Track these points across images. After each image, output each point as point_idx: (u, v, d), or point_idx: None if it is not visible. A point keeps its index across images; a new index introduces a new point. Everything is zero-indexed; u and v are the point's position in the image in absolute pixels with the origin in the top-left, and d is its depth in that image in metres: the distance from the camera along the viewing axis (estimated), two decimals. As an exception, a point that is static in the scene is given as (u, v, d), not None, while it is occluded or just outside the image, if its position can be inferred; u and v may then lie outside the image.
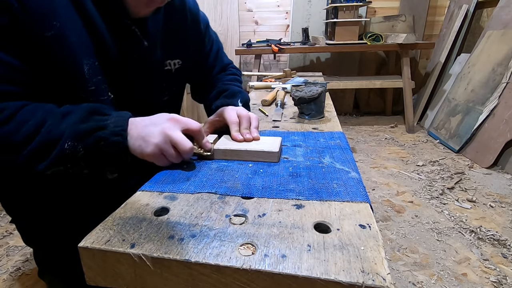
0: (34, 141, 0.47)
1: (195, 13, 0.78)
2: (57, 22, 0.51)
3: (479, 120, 2.04)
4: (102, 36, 0.56)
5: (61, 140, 0.48)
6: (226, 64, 0.93)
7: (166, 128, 0.51)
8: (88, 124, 0.49)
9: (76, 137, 0.48)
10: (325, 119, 0.87)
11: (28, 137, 0.47)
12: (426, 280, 1.11)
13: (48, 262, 0.70)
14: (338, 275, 0.30)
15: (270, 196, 0.45)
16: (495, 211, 1.50)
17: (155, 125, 0.52)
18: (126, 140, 0.50)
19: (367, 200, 0.44)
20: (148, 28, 0.64)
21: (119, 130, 0.50)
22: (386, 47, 2.53)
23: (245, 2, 2.98)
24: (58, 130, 0.48)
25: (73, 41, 0.53)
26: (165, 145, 0.51)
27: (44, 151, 0.48)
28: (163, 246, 0.35)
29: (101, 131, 0.49)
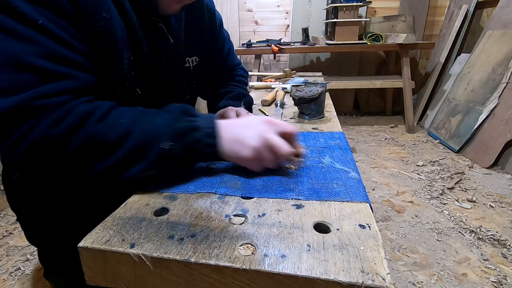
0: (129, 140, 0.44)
1: (212, 11, 0.78)
2: (106, 14, 0.50)
3: (479, 120, 2.04)
4: (136, 32, 0.56)
5: (159, 139, 0.45)
6: (236, 64, 0.93)
7: (263, 131, 0.49)
8: (183, 124, 0.47)
9: (174, 137, 0.45)
10: (325, 119, 0.87)
11: (123, 135, 0.43)
12: (426, 280, 1.11)
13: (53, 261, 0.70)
14: (338, 275, 0.30)
15: (269, 196, 0.45)
16: (495, 211, 1.50)
17: (250, 127, 0.49)
18: (218, 142, 0.48)
19: (367, 200, 0.44)
20: (172, 25, 0.64)
21: (211, 131, 0.48)
22: (386, 47, 2.53)
23: (245, 2, 2.98)
24: (154, 128, 0.45)
25: (118, 34, 0.52)
26: (263, 148, 0.48)
27: (140, 152, 0.44)
28: (163, 246, 0.35)
29: (195, 132, 0.47)
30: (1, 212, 1.60)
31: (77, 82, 0.45)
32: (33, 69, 0.41)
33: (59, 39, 0.44)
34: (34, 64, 0.41)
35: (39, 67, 0.41)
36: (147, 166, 0.45)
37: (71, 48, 0.45)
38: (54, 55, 0.43)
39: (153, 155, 0.44)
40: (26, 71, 0.41)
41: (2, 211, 1.60)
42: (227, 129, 0.49)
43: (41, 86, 0.41)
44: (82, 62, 0.47)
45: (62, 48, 0.44)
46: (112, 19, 0.51)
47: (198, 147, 0.47)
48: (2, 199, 1.72)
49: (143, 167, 0.45)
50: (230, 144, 0.48)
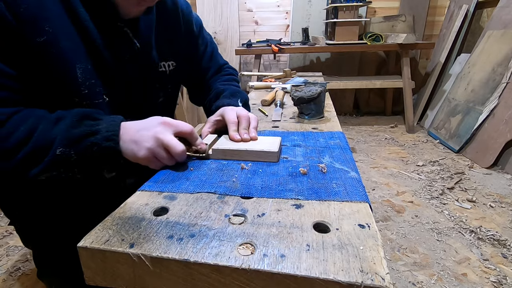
0: (26, 147, 0.47)
1: (188, 14, 0.78)
2: (49, 28, 0.51)
3: (479, 120, 2.04)
4: (94, 39, 0.57)
5: (53, 146, 0.48)
6: (222, 64, 0.93)
7: (158, 132, 0.52)
8: (79, 129, 0.50)
9: (68, 143, 0.48)
10: (324, 119, 0.86)
11: (19, 143, 0.47)
12: (426, 280, 1.10)
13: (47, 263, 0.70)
14: (337, 275, 0.30)
15: (269, 196, 0.45)
16: (495, 211, 1.50)
17: (147, 129, 0.53)
18: (118, 145, 0.51)
19: (367, 200, 0.44)
20: (140, 29, 0.64)
21: (110, 135, 0.50)
22: (386, 47, 2.53)
23: (245, 2, 2.98)
24: (50, 135, 0.48)
25: (65, 45, 0.53)
26: (157, 148, 0.51)
27: (36, 157, 0.48)
28: (162, 246, 0.35)
29: (93, 137, 0.50)
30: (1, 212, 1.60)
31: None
32: None
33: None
34: None
35: None
36: (45, 168, 0.48)
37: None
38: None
39: (49, 159, 0.48)
40: None
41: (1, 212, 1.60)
42: (127, 131, 0.52)
43: None
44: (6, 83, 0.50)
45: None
46: (57, 32, 0.52)
47: (95, 151, 0.49)
48: (2, 199, 1.72)
49: (41, 169, 0.48)
50: (128, 145, 0.51)
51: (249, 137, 0.62)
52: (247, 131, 0.64)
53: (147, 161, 0.52)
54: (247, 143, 0.61)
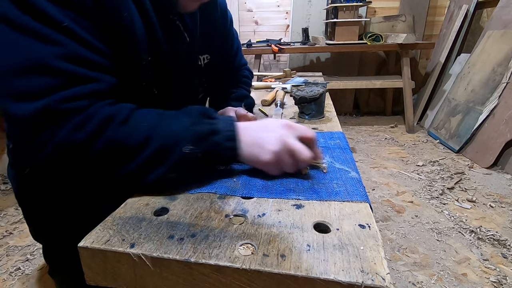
0: (150, 145, 0.43)
1: (224, 8, 0.79)
2: (127, 13, 0.49)
3: (479, 120, 2.04)
4: (156, 31, 0.55)
5: (180, 143, 0.44)
6: (243, 64, 0.94)
7: (283, 135, 0.48)
8: (203, 127, 0.46)
9: (195, 140, 0.45)
10: (325, 119, 0.87)
11: (144, 140, 0.43)
12: (426, 280, 1.11)
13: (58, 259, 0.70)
14: (338, 275, 0.30)
15: (269, 196, 0.45)
16: (495, 211, 1.50)
17: (270, 131, 0.49)
18: (237, 145, 0.48)
19: (367, 200, 0.44)
20: (187, 22, 0.64)
21: (231, 134, 0.48)
22: (386, 47, 2.53)
23: (245, 2, 2.98)
24: (175, 132, 0.45)
25: (137, 34, 0.51)
26: (283, 153, 0.48)
27: (161, 156, 0.44)
28: (162, 246, 0.35)
29: (215, 135, 0.46)
30: (1, 212, 1.60)
31: (101, 85, 0.45)
32: (57, 72, 0.41)
33: (83, 41, 0.43)
34: (58, 67, 0.41)
35: (63, 70, 0.41)
36: (168, 169, 0.45)
37: (94, 50, 0.45)
38: (78, 57, 0.43)
39: (174, 158, 0.44)
40: (50, 75, 0.40)
41: (2, 211, 1.60)
42: (247, 132, 0.49)
43: (65, 90, 0.41)
44: (104, 64, 0.46)
45: (85, 50, 0.44)
46: (132, 17, 0.50)
47: (218, 150, 0.46)
48: (2, 199, 1.72)
49: (163, 171, 0.44)
50: (249, 147, 0.48)
51: None
52: None
53: (269, 165, 0.49)
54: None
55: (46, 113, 0.40)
